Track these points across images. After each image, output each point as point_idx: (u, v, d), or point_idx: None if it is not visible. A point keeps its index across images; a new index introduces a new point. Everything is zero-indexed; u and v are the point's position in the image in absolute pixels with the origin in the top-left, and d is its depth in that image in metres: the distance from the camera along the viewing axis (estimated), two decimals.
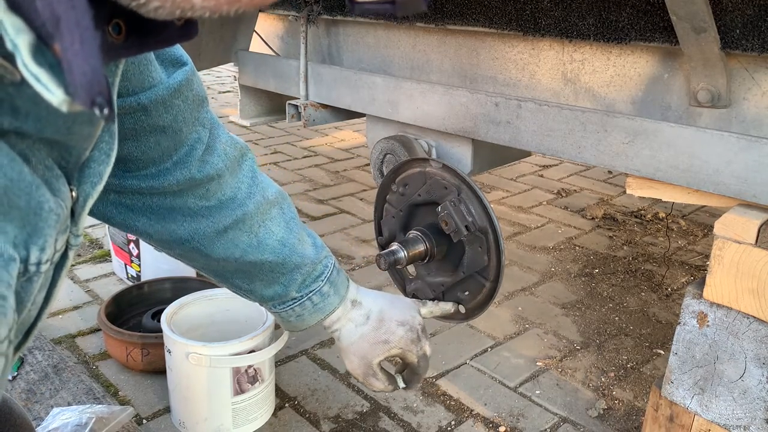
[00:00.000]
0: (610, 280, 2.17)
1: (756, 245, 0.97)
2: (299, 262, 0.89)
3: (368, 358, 0.96)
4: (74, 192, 0.50)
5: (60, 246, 0.49)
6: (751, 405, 1.02)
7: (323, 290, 0.93)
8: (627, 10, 1.21)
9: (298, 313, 0.93)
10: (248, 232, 0.83)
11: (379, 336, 0.96)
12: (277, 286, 0.89)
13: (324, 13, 1.82)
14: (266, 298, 0.91)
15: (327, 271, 0.93)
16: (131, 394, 1.52)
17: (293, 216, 0.90)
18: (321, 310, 0.94)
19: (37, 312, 0.52)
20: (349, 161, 3.43)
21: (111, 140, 0.53)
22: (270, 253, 0.86)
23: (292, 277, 0.89)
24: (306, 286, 0.91)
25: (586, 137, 1.24)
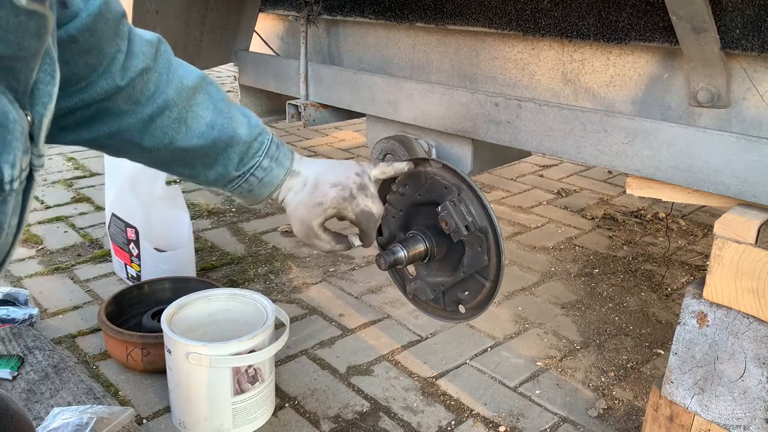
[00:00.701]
0: (610, 280, 2.17)
1: (756, 245, 0.97)
2: (230, 140, 0.94)
3: (307, 221, 1.03)
4: (29, 116, 0.53)
5: (25, 166, 0.51)
6: (751, 405, 1.02)
7: (263, 164, 0.98)
8: (627, 10, 1.21)
9: (247, 189, 1.00)
10: (177, 119, 0.88)
11: (314, 199, 1.02)
12: (218, 167, 0.95)
13: (324, 13, 1.82)
14: (211, 180, 0.97)
15: (263, 147, 0.98)
16: (131, 394, 1.52)
17: (222, 98, 0.94)
18: (269, 183, 1.00)
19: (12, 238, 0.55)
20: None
21: (52, 62, 0.56)
22: (198, 137, 0.91)
23: (227, 156, 0.94)
24: (244, 163, 0.97)
25: (585, 137, 1.24)
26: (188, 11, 1.89)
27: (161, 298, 1.78)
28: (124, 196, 1.91)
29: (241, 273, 2.13)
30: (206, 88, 0.92)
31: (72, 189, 2.87)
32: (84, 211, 2.62)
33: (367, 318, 1.89)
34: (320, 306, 1.95)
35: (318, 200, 1.02)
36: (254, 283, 2.07)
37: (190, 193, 2.84)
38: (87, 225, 2.48)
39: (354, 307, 1.95)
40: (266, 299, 1.47)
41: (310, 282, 2.09)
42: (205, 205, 2.72)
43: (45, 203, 2.68)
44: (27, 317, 1.74)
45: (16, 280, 2.04)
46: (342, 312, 1.92)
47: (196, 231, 2.42)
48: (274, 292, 2.02)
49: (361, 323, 1.86)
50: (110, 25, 0.78)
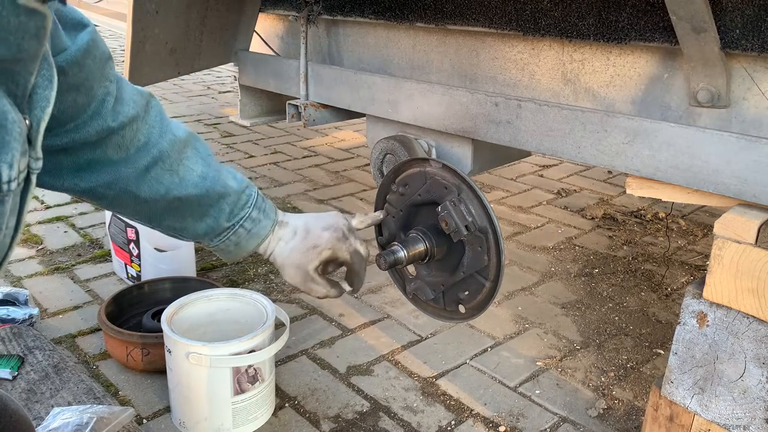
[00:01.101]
0: (610, 280, 2.17)
1: (756, 245, 0.97)
2: (223, 192, 0.96)
3: (303, 266, 1.05)
4: (27, 120, 0.53)
5: (23, 168, 0.52)
6: (751, 405, 1.02)
7: (252, 216, 1.00)
8: (627, 10, 1.21)
9: (235, 242, 1.01)
10: (169, 170, 0.91)
11: (308, 243, 1.04)
12: (208, 219, 0.97)
13: (324, 13, 1.82)
14: (200, 233, 0.98)
15: (252, 199, 1.00)
16: (131, 394, 1.52)
17: (209, 153, 0.97)
18: (256, 235, 1.02)
19: (10, 240, 0.56)
20: (349, 161, 3.43)
21: (50, 68, 0.57)
22: (193, 187, 0.93)
23: (219, 207, 0.96)
24: (235, 214, 0.99)
25: (585, 137, 1.24)
26: (188, 11, 1.89)
27: (161, 298, 1.78)
28: None
29: (241, 273, 2.14)
30: (194, 144, 0.95)
31: None
32: (84, 211, 2.62)
33: (367, 318, 1.89)
34: (320, 306, 1.95)
35: (312, 243, 1.05)
36: (254, 283, 2.07)
37: None
38: (87, 225, 2.48)
39: (354, 307, 1.95)
40: (266, 299, 1.47)
41: None
42: None
43: (45, 203, 2.68)
44: (27, 317, 1.74)
45: (16, 280, 2.04)
46: (342, 312, 1.92)
47: None
48: (274, 292, 2.02)
49: (361, 323, 1.86)
50: (97, 63, 0.80)
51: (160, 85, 5.03)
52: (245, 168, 3.23)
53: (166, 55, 1.91)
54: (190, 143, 0.95)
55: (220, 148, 3.56)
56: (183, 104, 4.58)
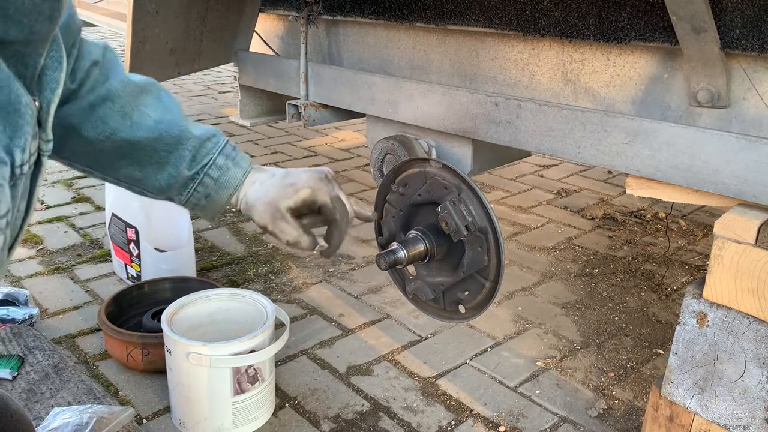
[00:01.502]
0: (610, 280, 2.17)
1: (756, 245, 0.97)
2: (180, 136, 0.89)
3: (275, 202, 0.94)
4: (37, 101, 0.53)
5: (33, 150, 0.52)
6: (751, 405, 1.02)
7: (218, 162, 0.92)
8: (627, 10, 1.21)
9: (204, 194, 0.92)
10: (120, 111, 0.85)
11: (286, 182, 0.94)
12: (168, 167, 0.89)
13: (324, 13, 1.82)
14: (164, 184, 0.91)
15: (218, 145, 0.92)
16: (131, 394, 1.52)
17: (174, 102, 0.91)
18: (225, 185, 0.92)
19: (21, 222, 0.55)
20: (349, 161, 3.43)
21: (59, 49, 0.56)
22: (145, 131, 0.87)
23: (179, 154, 0.89)
24: (197, 162, 0.90)
25: (585, 137, 1.24)
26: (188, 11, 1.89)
27: (161, 298, 1.78)
28: (124, 196, 1.91)
29: (241, 273, 2.13)
30: (157, 93, 0.90)
31: (72, 189, 2.87)
32: (84, 211, 2.62)
33: (367, 318, 1.89)
34: (320, 306, 1.95)
35: (290, 181, 0.94)
36: (254, 283, 2.07)
37: None
38: (87, 225, 2.48)
39: (354, 307, 1.95)
40: (266, 299, 1.47)
41: (310, 282, 2.09)
42: None
43: (45, 203, 2.68)
44: (27, 317, 1.74)
45: (16, 280, 2.04)
46: (342, 312, 1.92)
47: (196, 231, 2.42)
48: (274, 292, 2.02)
49: (361, 323, 1.86)
50: (73, 35, 0.79)
51: None
52: None
53: (166, 55, 1.91)
54: (151, 91, 0.90)
55: None
56: (183, 104, 4.57)
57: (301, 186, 0.94)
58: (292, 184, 0.94)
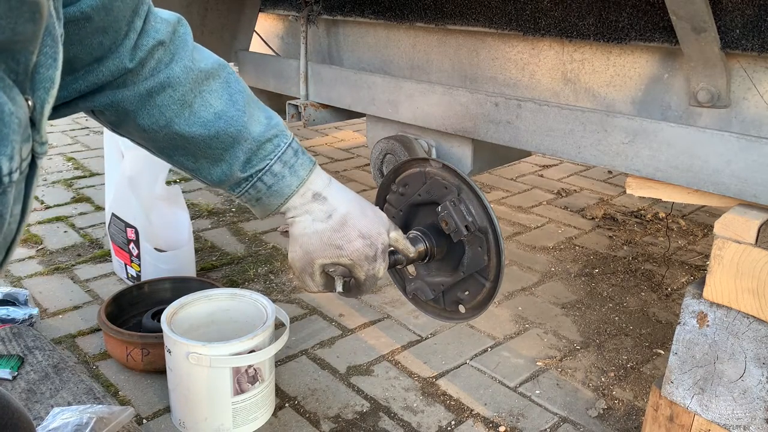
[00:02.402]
0: (610, 280, 2.17)
1: (756, 245, 0.97)
2: (237, 136, 0.84)
3: (313, 255, 0.91)
4: (30, 101, 0.51)
5: (26, 155, 0.50)
6: (751, 405, 1.02)
7: (274, 169, 0.87)
8: (627, 10, 1.21)
9: (255, 196, 0.89)
10: (180, 101, 0.80)
11: (334, 239, 0.90)
12: (223, 165, 0.86)
13: (324, 13, 1.82)
14: (215, 179, 0.88)
15: (278, 149, 0.88)
16: (131, 394, 1.52)
17: (241, 90, 0.86)
18: (278, 192, 0.89)
19: (17, 226, 0.53)
20: (349, 161, 3.43)
21: (54, 44, 0.54)
22: (200, 126, 0.82)
23: (233, 153, 0.85)
24: (252, 165, 0.86)
25: (586, 137, 1.24)
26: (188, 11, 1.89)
27: (161, 298, 1.78)
28: (124, 196, 1.91)
29: (241, 273, 2.13)
30: (225, 77, 0.84)
31: (72, 189, 2.87)
32: (84, 211, 2.62)
33: (367, 318, 1.89)
34: (320, 306, 1.95)
35: (339, 242, 0.90)
36: (254, 283, 2.07)
37: (190, 193, 2.84)
38: (87, 225, 2.48)
39: (354, 307, 1.95)
40: (266, 299, 1.47)
41: None
42: (205, 205, 2.72)
43: (45, 203, 2.68)
44: (27, 317, 1.74)
45: (16, 280, 2.04)
46: (342, 312, 1.92)
47: (196, 231, 2.42)
48: (274, 292, 2.02)
49: (361, 323, 1.86)
50: (127, 3, 0.72)
51: None
52: None
53: None
54: (219, 76, 0.84)
55: None
56: None
57: (344, 255, 0.91)
58: (338, 247, 0.90)
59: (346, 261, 0.91)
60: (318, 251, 0.91)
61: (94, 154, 3.37)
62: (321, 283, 0.95)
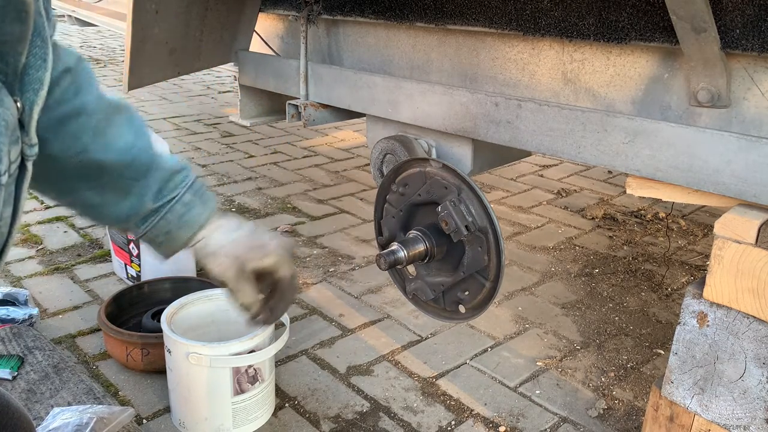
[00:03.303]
0: (610, 280, 2.17)
1: (756, 245, 0.97)
2: (151, 165, 0.83)
3: (242, 259, 0.89)
4: (18, 102, 0.50)
5: (15, 157, 0.49)
6: (751, 405, 1.02)
7: (185, 199, 0.86)
8: (627, 10, 1.21)
9: (165, 230, 0.86)
10: (94, 129, 0.79)
11: (255, 240, 0.90)
12: (132, 197, 0.83)
13: (324, 13, 1.82)
14: (122, 215, 0.84)
15: (188, 179, 0.87)
16: (131, 394, 1.52)
17: (143, 126, 0.86)
18: (188, 223, 0.87)
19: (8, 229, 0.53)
20: (349, 161, 3.43)
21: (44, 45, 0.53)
22: (116, 153, 0.80)
23: (146, 183, 0.83)
24: (163, 195, 0.85)
25: (586, 137, 1.24)
26: (188, 11, 1.89)
27: (161, 298, 1.78)
28: None
29: None
30: (131, 114, 0.85)
31: None
32: None
33: (367, 318, 1.89)
34: (320, 306, 1.95)
35: (260, 242, 0.90)
36: None
37: None
38: (87, 225, 2.47)
39: (354, 307, 1.95)
40: None
41: (310, 282, 2.09)
42: None
43: (45, 203, 2.68)
44: (27, 317, 1.74)
45: (16, 280, 2.04)
46: (342, 312, 1.92)
47: None
48: None
49: (361, 323, 1.86)
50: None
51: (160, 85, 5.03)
52: (245, 168, 3.23)
53: (166, 55, 1.91)
54: (124, 111, 0.83)
55: (220, 148, 3.56)
56: (183, 104, 4.58)
57: (270, 251, 0.90)
58: (261, 246, 0.90)
59: (272, 259, 0.90)
60: (245, 254, 0.89)
61: None
62: (256, 291, 0.92)
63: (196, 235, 0.88)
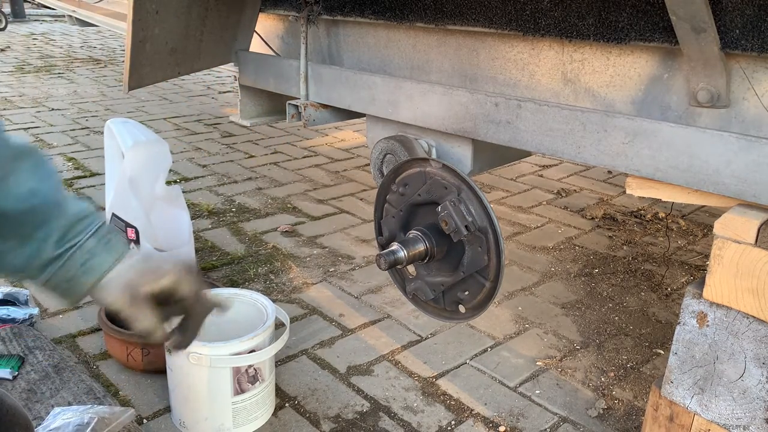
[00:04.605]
0: (610, 280, 2.17)
1: (756, 245, 0.97)
2: (52, 212, 0.81)
3: (134, 284, 0.85)
4: None
5: None
6: (751, 405, 1.02)
7: (88, 246, 0.83)
8: (627, 10, 1.21)
9: (66, 278, 0.84)
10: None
11: (149, 265, 0.87)
12: (32, 244, 0.81)
13: (324, 13, 1.82)
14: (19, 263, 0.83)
15: (93, 226, 0.84)
16: (131, 394, 1.52)
17: (53, 171, 0.83)
18: (91, 270, 0.84)
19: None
20: (349, 161, 3.43)
21: None
22: (15, 200, 0.78)
23: (47, 230, 0.81)
24: (65, 242, 0.82)
25: (585, 137, 1.24)
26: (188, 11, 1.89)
27: None
28: (124, 196, 1.91)
29: (241, 273, 2.14)
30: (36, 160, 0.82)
31: (72, 189, 2.87)
32: None
33: (367, 318, 1.89)
34: (320, 306, 1.95)
35: (155, 266, 0.87)
36: (254, 283, 2.07)
37: (190, 193, 2.84)
38: None
39: (354, 307, 1.95)
40: (266, 299, 1.47)
41: (310, 282, 2.09)
42: (205, 205, 2.72)
43: None
44: (27, 317, 1.74)
45: (16, 279, 2.04)
46: (342, 312, 1.92)
47: (196, 231, 2.42)
48: (274, 292, 2.02)
49: (361, 323, 1.86)
50: None
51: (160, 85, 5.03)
52: (245, 168, 3.23)
53: (166, 55, 1.91)
54: (31, 156, 0.81)
55: (220, 148, 3.56)
56: (183, 104, 4.58)
57: (163, 273, 0.88)
58: (155, 270, 0.87)
59: (168, 280, 0.88)
60: (137, 279, 0.87)
61: (94, 154, 3.37)
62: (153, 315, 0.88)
63: (100, 281, 0.85)
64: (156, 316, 0.87)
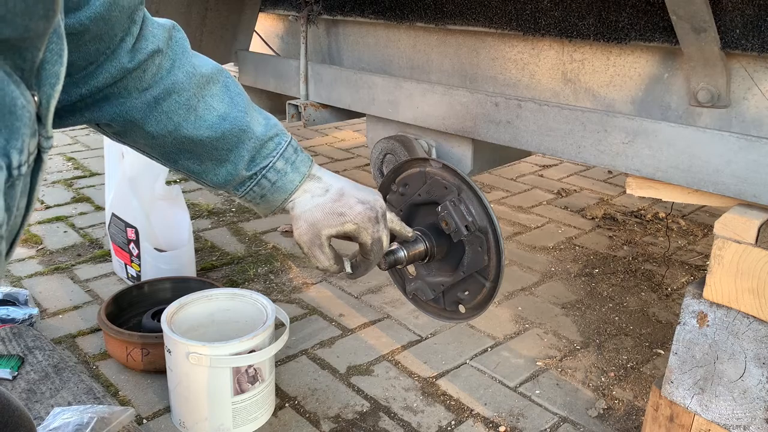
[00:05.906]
0: (610, 280, 2.17)
1: (756, 245, 0.97)
2: (242, 136, 0.88)
3: (318, 226, 0.94)
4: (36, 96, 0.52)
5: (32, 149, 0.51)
6: (751, 405, 1.02)
7: (277, 166, 0.92)
8: (627, 10, 1.21)
9: (260, 194, 0.93)
10: (186, 106, 0.84)
11: (336, 207, 0.94)
12: (228, 165, 0.89)
13: (324, 13, 1.82)
14: (221, 181, 0.91)
15: (279, 147, 0.92)
16: (131, 394, 1.52)
17: (240, 92, 0.90)
18: (282, 188, 0.93)
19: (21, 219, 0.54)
20: (349, 161, 3.43)
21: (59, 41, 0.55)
22: (207, 129, 0.85)
23: (238, 153, 0.89)
24: (256, 163, 0.90)
25: (586, 137, 1.24)
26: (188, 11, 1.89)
27: (161, 298, 1.78)
28: (124, 196, 1.91)
29: (241, 273, 2.13)
30: (224, 81, 0.88)
31: (72, 189, 2.87)
32: (84, 211, 2.62)
33: (367, 318, 1.89)
34: (320, 306, 1.95)
35: (340, 210, 0.94)
36: (254, 283, 2.07)
37: (190, 193, 2.84)
38: (87, 225, 2.48)
39: (354, 307, 1.95)
40: (266, 299, 1.47)
41: (310, 282, 2.09)
42: (205, 205, 2.72)
43: (45, 203, 2.68)
44: (27, 317, 1.74)
45: (16, 280, 2.04)
46: (342, 312, 1.92)
47: (196, 231, 2.42)
48: (274, 292, 2.02)
49: (361, 323, 1.86)
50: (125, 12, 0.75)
51: None
52: None
53: None
54: (218, 80, 0.87)
55: None
56: None
57: (348, 220, 0.94)
58: (340, 214, 0.94)
59: (350, 227, 0.95)
60: (322, 221, 0.94)
61: (94, 154, 3.37)
62: (331, 256, 0.98)
63: (289, 199, 0.94)
64: (332, 257, 0.98)
